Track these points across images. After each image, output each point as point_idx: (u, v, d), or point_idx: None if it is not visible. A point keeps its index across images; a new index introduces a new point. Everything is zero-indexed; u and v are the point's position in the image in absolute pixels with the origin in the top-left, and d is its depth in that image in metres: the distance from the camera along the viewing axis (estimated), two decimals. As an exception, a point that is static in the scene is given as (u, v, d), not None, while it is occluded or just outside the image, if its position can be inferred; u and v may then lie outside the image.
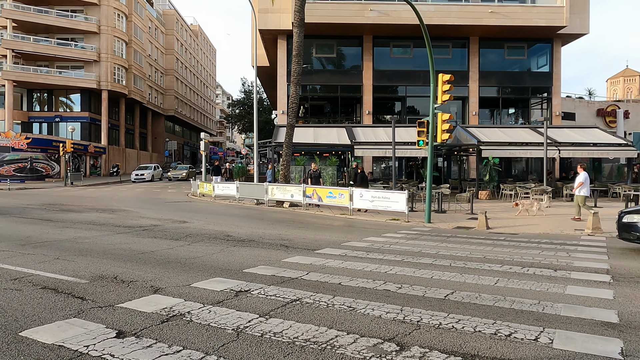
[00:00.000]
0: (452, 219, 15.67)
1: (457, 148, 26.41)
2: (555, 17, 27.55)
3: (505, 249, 9.53)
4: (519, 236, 11.91)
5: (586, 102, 41.97)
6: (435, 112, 14.76)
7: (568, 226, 13.61)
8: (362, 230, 12.82)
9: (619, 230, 9.53)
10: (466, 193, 17.25)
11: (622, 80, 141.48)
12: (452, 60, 30.43)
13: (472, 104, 29.91)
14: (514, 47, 30.65)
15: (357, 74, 29.90)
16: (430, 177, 15.02)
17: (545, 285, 6.36)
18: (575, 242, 10.68)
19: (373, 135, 24.99)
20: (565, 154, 23.39)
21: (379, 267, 7.47)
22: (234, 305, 5.26)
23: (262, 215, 16.57)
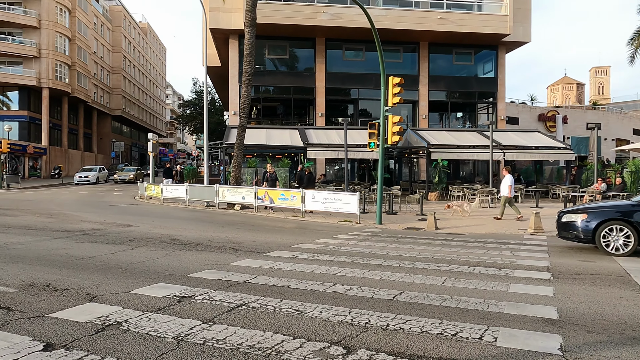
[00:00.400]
0: (403, 220, 15.89)
1: (408, 150, 26.90)
2: (500, 25, 28.66)
3: (452, 249, 9.70)
4: (466, 236, 12.20)
5: (528, 107, 43.96)
6: (385, 115, 14.92)
7: (512, 226, 14.09)
8: (313, 232, 12.74)
9: (558, 230, 9.93)
10: (416, 194, 17.57)
11: (561, 87, 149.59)
12: (403, 64, 31.02)
13: (422, 108, 30.58)
14: (462, 53, 31.63)
15: (310, 76, 29.90)
16: (381, 179, 15.16)
17: (490, 284, 6.49)
18: (519, 241, 11.05)
19: (326, 138, 25.03)
20: (510, 157, 24.33)
21: (329, 269, 7.40)
22: (176, 312, 5.01)
23: (211, 218, 16.18)
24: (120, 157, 67.09)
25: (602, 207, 9.48)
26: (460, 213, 16.34)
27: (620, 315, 5.10)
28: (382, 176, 15.20)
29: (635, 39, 22.70)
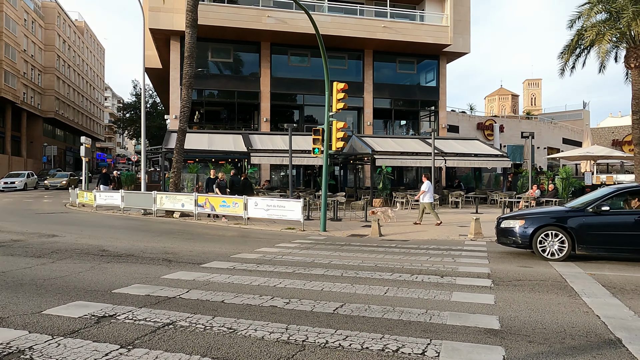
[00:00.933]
0: (347, 226, 15.75)
1: (353, 157, 26.98)
2: (441, 36, 29.46)
3: (396, 256, 9.59)
4: (409, 243, 12.19)
5: (468, 116, 45.59)
6: (330, 120, 14.75)
7: (453, 232, 14.29)
8: (255, 240, 12.29)
9: (497, 235, 10.07)
10: (361, 201, 17.53)
11: (498, 98, 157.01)
12: (348, 71, 31.17)
13: (367, 115, 30.86)
14: (405, 62, 32.25)
15: (254, 80, 29.40)
16: (325, 185, 14.95)
17: (433, 293, 6.35)
18: (460, 247, 11.14)
19: (270, 143, 24.61)
20: (451, 164, 24.94)
21: (268, 281, 7.02)
22: (91, 335, 4.47)
23: (148, 226, 15.32)
24: (53, 162, 63.19)
25: (538, 213, 9.70)
26: (384, 219, 16.41)
27: (559, 323, 5.07)
28: (326, 182, 15.00)
29: (565, 52, 23.95)
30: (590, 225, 8.90)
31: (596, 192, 9.84)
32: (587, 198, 9.67)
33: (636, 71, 22.18)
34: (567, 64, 24.30)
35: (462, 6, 31.08)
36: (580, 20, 23.07)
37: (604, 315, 5.37)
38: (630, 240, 8.70)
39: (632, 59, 22.02)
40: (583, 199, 9.78)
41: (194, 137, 24.64)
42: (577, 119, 62.76)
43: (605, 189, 9.88)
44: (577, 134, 55.18)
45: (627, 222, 8.76)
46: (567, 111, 67.91)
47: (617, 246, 8.82)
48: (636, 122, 22.54)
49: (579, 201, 9.83)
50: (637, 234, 8.64)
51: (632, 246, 8.73)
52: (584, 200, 9.53)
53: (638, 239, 8.64)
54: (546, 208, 10.56)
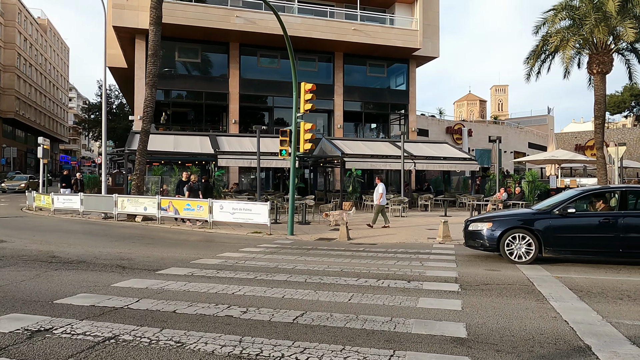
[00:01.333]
0: (316, 230, 15.44)
1: (323, 160, 26.73)
2: (411, 40, 29.58)
3: (363, 261, 9.33)
4: (377, 246, 11.96)
5: (437, 120, 46.04)
6: (298, 122, 14.44)
7: (422, 235, 14.16)
8: (219, 245, 11.84)
9: (465, 238, 9.95)
10: (330, 204, 17.28)
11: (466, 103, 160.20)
12: (319, 73, 30.94)
13: (337, 117, 30.67)
14: (375, 65, 32.24)
15: (223, 81, 28.81)
16: (293, 188, 14.61)
17: (399, 299, 6.09)
18: (428, 251, 10.98)
19: (239, 145, 24.11)
20: (420, 167, 24.98)
21: (227, 288, 6.63)
22: (19, 353, 4.00)
23: (107, 231, 14.63)
24: (12, 164, 60.69)
25: (505, 215, 9.62)
26: (338, 223, 16.20)
27: (527, 330, 4.88)
28: (294, 185, 14.66)
29: (531, 57, 24.38)
30: (556, 227, 8.85)
31: (562, 195, 9.83)
32: (553, 200, 9.65)
33: (598, 77, 22.73)
34: (532, 69, 24.72)
35: (431, 11, 31.32)
36: (545, 27, 23.51)
37: (572, 320, 5.21)
38: (596, 242, 8.69)
39: (595, 65, 22.55)
40: (549, 201, 9.75)
41: (160, 139, 23.92)
42: (542, 124, 64.36)
43: (570, 191, 9.88)
44: (542, 138, 56.56)
45: (592, 224, 8.75)
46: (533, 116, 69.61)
47: (583, 248, 8.80)
48: (598, 127, 23.08)
49: (545, 203, 9.80)
50: (602, 236, 8.63)
51: (598, 248, 8.72)
52: (550, 203, 9.50)
53: (603, 240, 8.63)
54: (513, 210, 10.50)
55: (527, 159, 32.72)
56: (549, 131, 48.14)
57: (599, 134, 22.98)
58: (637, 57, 23.77)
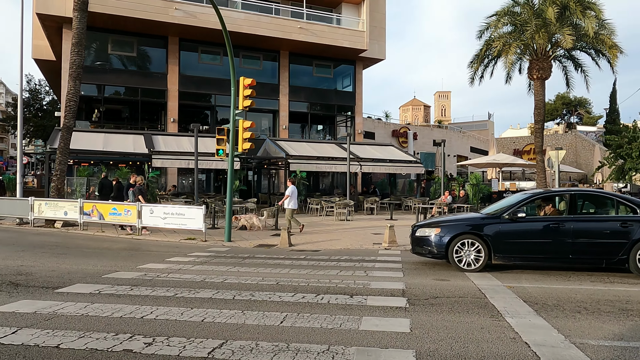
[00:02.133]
0: (256, 236, 14.45)
1: (267, 161, 25.72)
2: (357, 41, 29.18)
3: (302, 271, 8.48)
4: (320, 253, 11.16)
5: (384, 123, 46.18)
6: (236, 119, 13.41)
7: (367, 240, 13.51)
8: (145, 254, 10.60)
9: (412, 245, 9.32)
10: (272, 207, 16.35)
11: (411, 108, 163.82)
12: (264, 72, 29.89)
13: (283, 118, 29.75)
14: (322, 66, 31.61)
15: (161, 77, 27.14)
16: (230, 191, 13.54)
17: (339, 319, 5.27)
18: (373, 258, 10.29)
19: (176, 145, 22.63)
20: (367, 169, 24.52)
21: (137, 310, 5.55)
22: None
23: (17, 239, 12.93)
24: None
25: (454, 220, 9.07)
26: (249, 227, 15.44)
27: (485, 356, 4.19)
28: (231, 187, 13.60)
29: (474, 62, 24.59)
30: (506, 232, 8.38)
31: (511, 198, 9.42)
32: (502, 204, 9.21)
33: (538, 82, 23.18)
34: (476, 73, 24.93)
35: (378, 12, 31.11)
36: (489, 31, 23.75)
37: (533, 342, 4.59)
38: (546, 248, 8.29)
39: (535, 71, 22.98)
40: (499, 205, 9.31)
41: (88, 137, 22.06)
42: (483, 129, 66.44)
43: (518, 194, 9.50)
44: (483, 143, 58.27)
45: (542, 229, 8.34)
46: (474, 122, 71.78)
47: (533, 254, 8.38)
48: (538, 131, 23.54)
49: (494, 207, 9.35)
50: (552, 242, 8.24)
51: (548, 254, 8.33)
52: (499, 207, 9.04)
53: (553, 246, 8.25)
54: (461, 215, 10.01)
55: (470, 163, 33.24)
56: (490, 136, 49.57)
57: (539, 138, 23.43)
58: (573, 64, 24.51)
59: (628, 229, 8.03)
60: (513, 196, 9.70)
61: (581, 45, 23.32)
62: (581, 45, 23.34)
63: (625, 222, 8.12)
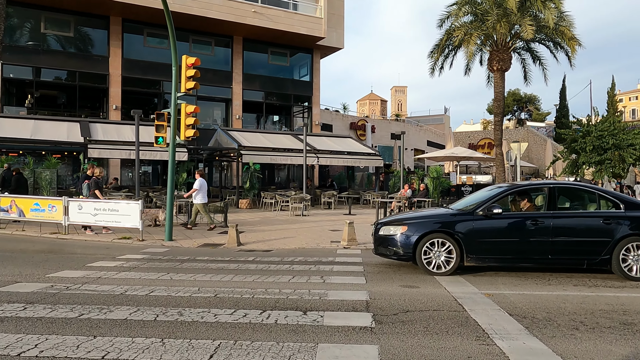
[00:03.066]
0: (202, 234, 13.03)
1: (218, 152, 24.14)
2: (315, 28, 27.97)
3: (249, 277, 7.23)
4: (272, 254, 9.92)
5: (341, 115, 45.20)
6: (178, 103, 11.91)
7: (325, 238, 12.38)
8: (64, 258, 9.02)
9: (375, 245, 8.23)
10: (220, 202, 14.92)
11: (369, 102, 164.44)
12: (216, 58, 28.18)
13: (236, 107, 28.15)
14: (278, 53, 30.19)
15: (102, 60, 24.94)
16: (171, 184, 12.04)
17: (288, 350, 4.07)
18: (331, 259, 9.16)
19: (116, 134, 20.69)
20: (324, 162, 23.40)
21: (18, 342, 4.14)
22: None
23: None
24: None
25: (421, 217, 8.04)
26: (152, 223, 14.12)
27: (483, 407, 3.11)
28: (172, 180, 12.09)
29: (435, 51, 23.93)
30: (480, 231, 7.44)
31: (483, 193, 8.50)
32: (474, 199, 8.27)
33: (498, 74, 22.77)
34: (436, 64, 24.29)
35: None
36: (449, 21, 23.10)
37: (537, 378, 3.56)
38: (524, 248, 7.41)
39: (495, 62, 22.53)
40: (470, 200, 8.36)
41: (15, 124, 19.77)
42: (439, 123, 66.94)
43: (492, 188, 8.60)
44: (440, 137, 58.54)
45: (520, 226, 7.46)
46: (431, 115, 72.29)
47: (510, 255, 7.47)
48: (497, 124, 23.17)
49: (465, 202, 8.40)
50: (530, 240, 7.37)
51: (526, 254, 7.44)
52: (471, 202, 8.09)
53: (532, 245, 7.37)
54: (429, 211, 8.99)
55: (428, 156, 32.78)
56: (448, 129, 49.66)
57: (498, 131, 23.08)
58: (532, 56, 24.28)
59: (611, 227, 7.26)
60: (484, 190, 8.79)
61: (540, 37, 23.09)
62: (540, 38, 23.11)
63: (608, 218, 7.35)
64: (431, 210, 8.87)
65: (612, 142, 22.48)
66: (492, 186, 8.97)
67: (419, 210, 9.76)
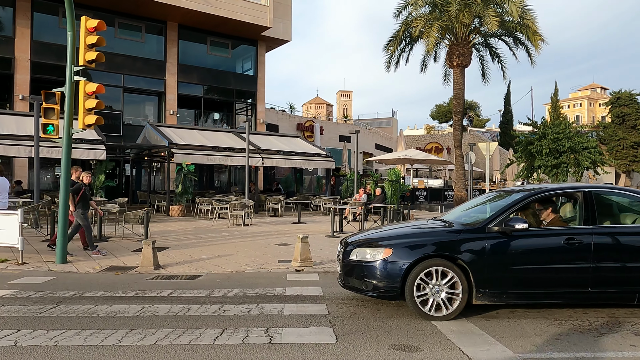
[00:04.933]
0: (114, 250, 10.09)
1: (147, 151, 20.92)
2: (260, 16, 25.36)
3: (150, 336, 4.56)
4: (199, 283, 7.26)
5: (288, 115, 42.70)
6: (75, 80, 8.97)
7: (271, 255, 9.83)
8: None
9: (343, 274, 5.76)
10: (139, 211, 11.97)
11: (314, 106, 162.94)
12: (147, 46, 24.90)
13: (170, 102, 24.95)
14: (219, 44, 27.27)
15: (6, 42, 21.04)
16: (65, 189, 9.02)
17: None
18: (281, 291, 6.63)
19: (15, 127, 17.07)
20: (269, 163, 20.77)
21: None
22: None
23: None
24: None
25: (409, 235, 5.69)
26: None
27: None
28: (66, 184, 9.07)
29: (391, 43, 22.03)
30: (498, 254, 5.19)
31: (497, 199, 6.21)
32: (481, 209, 6.02)
33: (458, 70, 21.18)
34: (392, 58, 22.42)
35: (283, -13, 27.54)
36: (407, 11, 21.28)
37: None
38: (559, 277, 5.22)
39: (455, 57, 20.93)
40: (473, 210, 6.12)
41: None
42: (387, 127, 65.93)
43: (500, 193, 6.37)
44: (388, 140, 57.44)
45: (554, 247, 5.27)
46: (379, 118, 71.26)
47: (539, 288, 5.24)
48: (457, 123, 21.58)
49: (466, 213, 6.15)
50: (567, 268, 5.21)
51: (560, 287, 5.25)
52: (479, 213, 5.84)
53: (569, 274, 5.21)
54: (417, 225, 6.42)
55: (381, 158, 30.89)
56: (399, 131, 48.36)
57: (458, 131, 21.49)
58: (490, 53, 22.96)
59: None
60: (490, 196, 6.52)
61: (501, 33, 21.77)
62: (501, 33, 21.79)
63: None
64: (416, 223, 6.53)
65: (569, 145, 21.50)
66: (497, 191, 6.72)
67: (400, 224, 7.36)
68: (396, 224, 7.37)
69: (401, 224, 7.23)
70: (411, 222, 7.05)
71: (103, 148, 16.87)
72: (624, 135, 54.07)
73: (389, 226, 6.96)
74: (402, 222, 9.47)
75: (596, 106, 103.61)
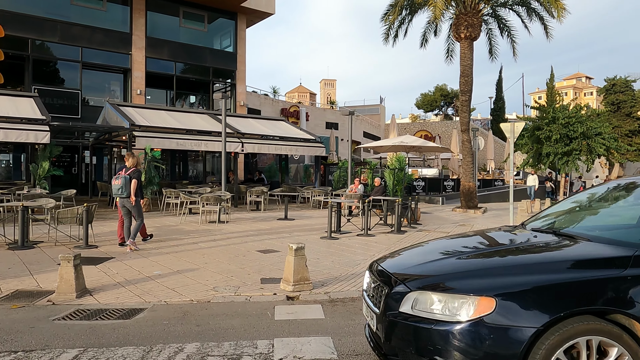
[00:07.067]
0: (34, 263, 7.25)
1: (106, 135, 17.84)
2: (239, -17, 22.38)
3: None
4: (133, 329, 4.51)
5: (271, 100, 39.77)
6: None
7: (250, 269, 7.09)
8: None
9: (385, 336, 3.05)
10: (78, 208, 9.08)
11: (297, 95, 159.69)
12: (109, 15, 21.66)
13: (137, 80, 21.83)
14: (193, 15, 24.15)
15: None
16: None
17: None
18: (264, 349, 3.93)
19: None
20: (251, 149, 17.88)
21: None
22: None
23: None
24: None
25: (521, 267, 3.01)
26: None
27: None
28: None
29: (390, 12, 19.28)
30: None
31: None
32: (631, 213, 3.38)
33: (466, 43, 18.53)
34: (391, 29, 19.65)
35: (266, -48, 24.51)
36: (408, -27, 18.51)
37: None
38: None
39: (463, 28, 18.26)
40: (612, 214, 3.47)
41: None
42: (375, 114, 63.25)
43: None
44: (375, 128, 54.93)
45: None
46: (366, 105, 68.44)
47: None
48: (465, 104, 18.98)
49: (599, 219, 3.50)
50: None
51: None
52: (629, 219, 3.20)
53: None
54: (518, 246, 3.71)
55: (373, 145, 28.21)
56: (391, 117, 45.76)
57: (465, 112, 18.91)
58: (499, 26, 20.36)
59: None
60: (631, 190, 3.88)
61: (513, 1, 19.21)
62: (513, 1, 19.22)
63: None
64: (499, 236, 3.80)
65: (581, 130, 19.22)
66: (625, 179, 4.05)
67: (467, 239, 4.38)
68: (459, 239, 4.45)
69: (470, 238, 4.36)
70: (481, 234, 4.25)
71: (47, 129, 13.77)
72: (619, 123, 52.43)
73: (449, 242, 4.23)
74: (463, 234, 6.73)
75: (581, 95, 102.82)
